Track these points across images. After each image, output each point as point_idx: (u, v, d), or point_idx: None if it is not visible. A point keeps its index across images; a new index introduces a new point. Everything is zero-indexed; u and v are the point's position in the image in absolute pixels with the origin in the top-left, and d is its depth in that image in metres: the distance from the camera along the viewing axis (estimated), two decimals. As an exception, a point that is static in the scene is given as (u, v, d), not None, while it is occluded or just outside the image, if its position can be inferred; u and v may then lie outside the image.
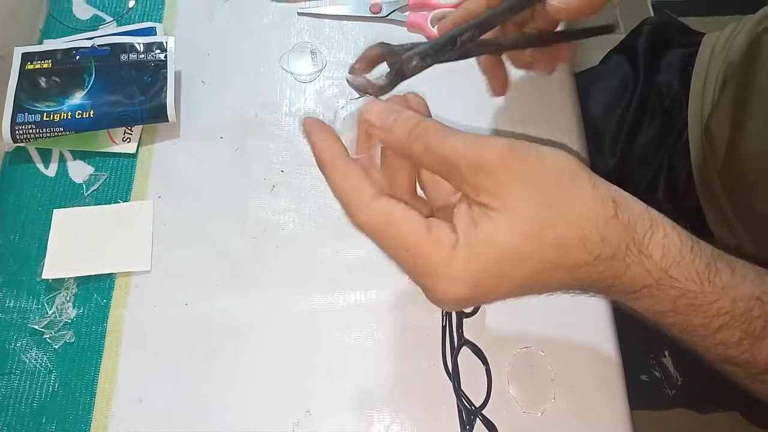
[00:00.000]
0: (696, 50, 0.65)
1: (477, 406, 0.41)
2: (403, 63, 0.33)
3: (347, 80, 0.33)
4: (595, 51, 0.81)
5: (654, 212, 0.29)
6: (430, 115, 0.33)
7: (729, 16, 0.65)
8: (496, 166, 0.28)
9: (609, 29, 0.45)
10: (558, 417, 0.43)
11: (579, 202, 0.28)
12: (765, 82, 0.52)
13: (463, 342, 0.43)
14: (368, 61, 0.33)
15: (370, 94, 0.32)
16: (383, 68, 0.33)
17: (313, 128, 0.32)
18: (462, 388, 0.42)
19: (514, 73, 0.50)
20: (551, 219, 0.28)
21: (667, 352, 0.59)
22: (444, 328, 0.45)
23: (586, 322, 0.46)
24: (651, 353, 0.60)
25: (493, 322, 0.46)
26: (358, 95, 0.33)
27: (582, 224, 0.27)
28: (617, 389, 0.44)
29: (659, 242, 0.28)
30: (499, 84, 0.47)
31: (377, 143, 0.32)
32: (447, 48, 0.34)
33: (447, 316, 0.45)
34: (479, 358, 0.42)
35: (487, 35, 0.37)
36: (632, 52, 0.71)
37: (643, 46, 0.70)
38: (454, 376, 0.42)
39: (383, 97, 0.33)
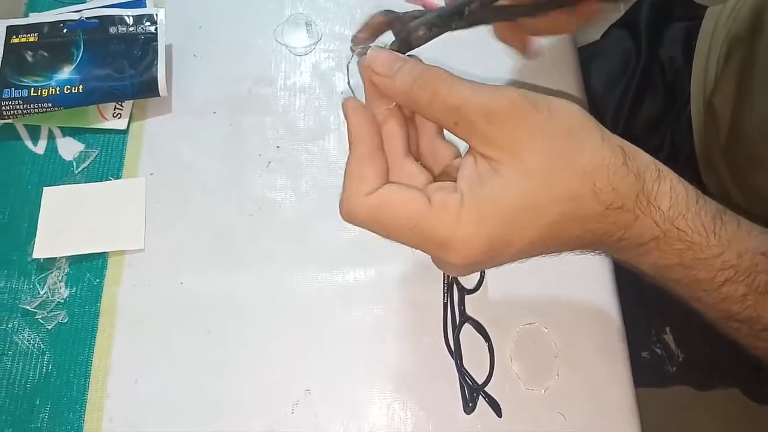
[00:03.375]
0: (699, 23, 0.64)
1: (479, 384, 0.41)
2: (410, 32, 0.32)
3: (351, 49, 0.31)
4: (596, 26, 0.79)
5: (660, 164, 0.29)
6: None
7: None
8: (506, 114, 0.27)
9: None
10: (561, 394, 0.42)
11: (589, 151, 0.27)
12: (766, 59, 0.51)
13: (465, 319, 0.43)
14: (372, 29, 0.32)
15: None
16: (388, 37, 0.32)
17: (351, 110, 0.30)
18: (464, 365, 0.41)
19: (514, 53, 0.48)
20: (563, 169, 0.27)
21: (668, 329, 0.59)
22: (446, 305, 0.44)
23: (590, 299, 0.45)
24: (652, 330, 0.59)
25: (497, 298, 0.45)
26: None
27: (593, 174, 0.27)
28: (621, 366, 0.43)
29: (666, 193, 0.28)
30: (521, 48, 0.45)
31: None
32: (455, 17, 0.33)
33: (449, 293, 0.44)
34: (481, 334, 0.42)
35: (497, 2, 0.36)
36: (634, 26, 0.69)
37: (645, 20, 0.68)
38: (456, 353, 0.42)
39: None
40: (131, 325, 0.45)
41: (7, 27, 0.51)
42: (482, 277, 0.44)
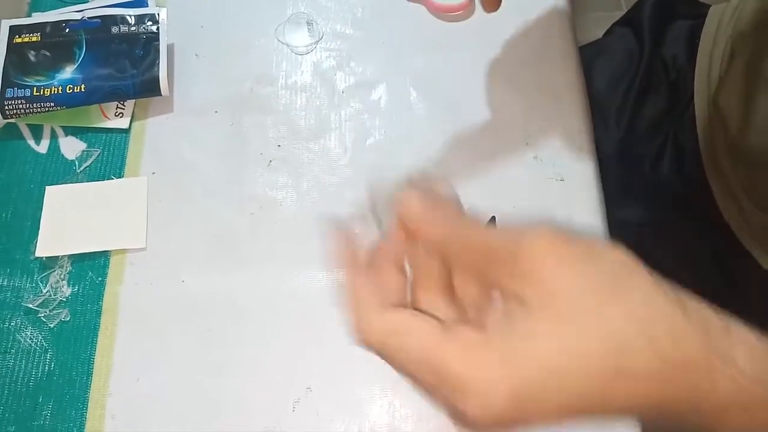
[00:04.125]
0: (702, 22, 0.64)
1: None
2: None
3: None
4: (598, 24, 0.79)
5: (723, 316, 0.24)
6: (460, 205, 0.29)
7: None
8: (539, 257, 0.24)
9: None
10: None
11: (640, 297, 0.23)
12: None
13: None
14: None
15: None
16: None
17: (338, 238, 0.28)
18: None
19: (516, 51, 0.48)
20: (609, 315, 0.23)
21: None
22: None
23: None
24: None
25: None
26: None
27: (647, 321, 0.23)
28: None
29: (741, 345, 0.23)
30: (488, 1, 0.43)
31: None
32: None
33: None
34: None
35: None
36: (636, 24, 0.69)
37: (648, 18, 0.68)
38: None
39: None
40: (133, 323, 0.45)
41: (10, 27, 0.51)
42: None
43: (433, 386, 0.24)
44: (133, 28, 0.52)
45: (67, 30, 0.52)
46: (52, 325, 0.45)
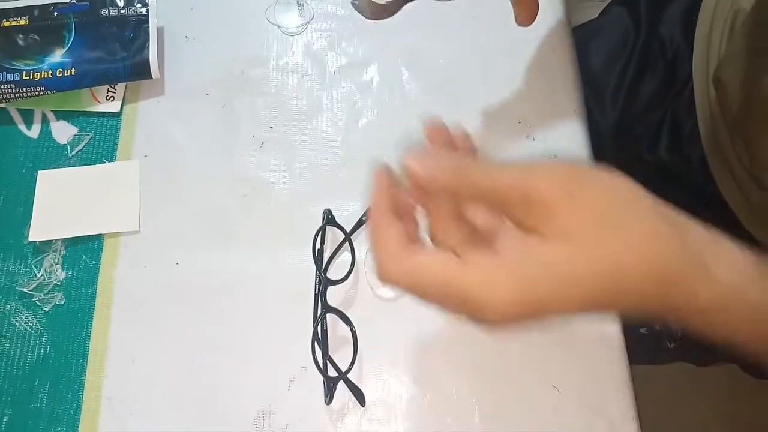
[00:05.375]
0: (699, 0, 0.63)
1: (343, 371, 0.41)
2: None
3: (351, 3, 0.31)
4: (594, 4, 0.79)
5: (714, 233, 0.28)
6: (475, 150, 0.31)
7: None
8: (549, 193, 0.26)
9: None
10: (556, 367, 0.42)
11: (642, 222, 0.26)
12: None
13: (326, 309, 0.42)
14: None
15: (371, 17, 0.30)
16: None
17: (377, 179, 0.30)
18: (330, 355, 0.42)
19: (508, 30, 0.48)
20: (614, 241, 0.26)
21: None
22: (316, 296, 0.42)
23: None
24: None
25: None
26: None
27: (647, 245, 0.26)
28: (616, 342, 0.43)
29: (726, 264, 0.27)
30: (524, 12, 0.44)
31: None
32: None
33: (318, 284, 0.43)
34: (344, 321, 0.42)
35: None
36: (633, 3, 0.69)
37: None
38: (323, 343, 0.42)
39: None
40: (128, 305, 0.45)
41: (-2, 10, 0.51)
42: (350, 270, 0.44)
43: (457, 308, 0.27)
44: (122, 11, 0.52)
45: (55, 13, 0.51)
46: (46, 309, 0.45)
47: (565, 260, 0.26)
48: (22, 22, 0.50)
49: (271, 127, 0.50)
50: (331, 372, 0.41)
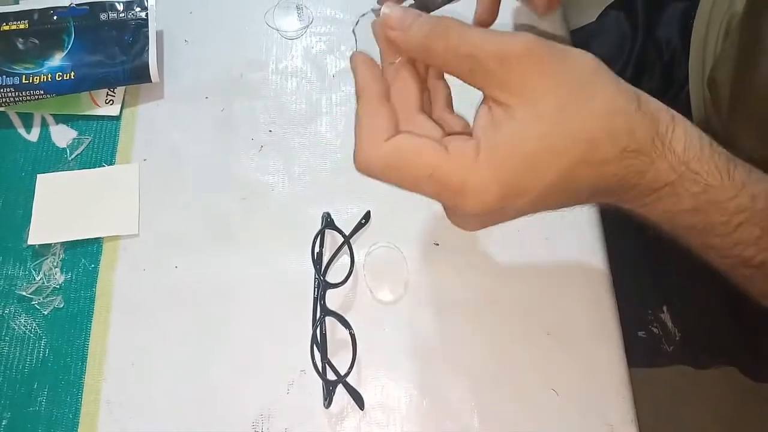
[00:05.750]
0: (695, 4, 0.64)
1: (342, 375, 0.41)
2: None
3: (372, 10, 0.31)
4: (591, 7, 0.79)
5: (672, 110, 0.29)
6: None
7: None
8: (521, 59, 0.27)
9: None
10: (554, 370, 0.43)
11: (604, 95, 0.27)
12: None
13: (325, 313, 0.43)
14: None
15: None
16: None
17: (357, 63, 0.30)
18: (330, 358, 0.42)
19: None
20: (579, 113, 0.27)
21: (665, 307, 0.59)
22: (315, 299, 0.44)
23: (583, 276, 0.45)
24: (649, 309, 0.59)
25: (488, 280, 0.45)
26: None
27: (608, 117, 0.27)
28: (615, 345, 0.43)
29: (681, 136, 0.28)
30: (541, 3, 0.47)
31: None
32: None
33: (318, 287, 0.44)
34: (343, 325, 0.42)
35: None
36: (630, 7, 0.69)
37: (641, 1, 0.68)
38: (322, 346, 0.42)
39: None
40: (127, 309, 0.45)
41: (-2, 15, 0.51)
42: (350, 274, 0.44)
43: (436, 193, 0.28)
44: (122, 15, 0.52)
45: (55, 17, 0.51)
46: (45, 312, 0.45)
47: (535, 136, 0.27)
48: (21, 26, 0.51)
49: (270, 131, 0.51)
50: (330, 375, 0.42)
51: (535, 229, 0.46)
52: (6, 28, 0.51)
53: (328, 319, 0.43)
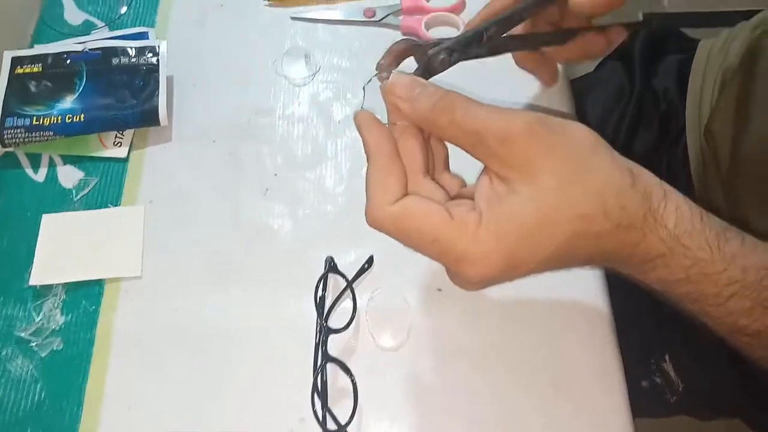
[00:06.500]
0: (692, 56, 0.65)
1: (342, 424, 0.40)
2: (431, 59, 0.33)
3: (375, 76, 0.32)
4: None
5: (666, 185, 0.30)
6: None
7: (719, 27, 0.65)
8: (522, 138, 0.28)
9: (639, 24, 0.44)
10: (558, 422, 0.42)
11: (600, 173, 0.29)
12: (765, 87, 0.52)
13: (327, 359, 0.42)
14: (395, 56, 0.33)
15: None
16: (410, 65, 0.34)
17: (364, 122, 0.32)
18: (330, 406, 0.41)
19: (510, 81, 0.50)
20: (576, 190, 0.28)
21: (667, 357, 0.58)
22: (317, 345, 0.43)
23: (586, 326, 0.45)
24: (651, 358, 0.59)
25: (491, 327, 0.45)
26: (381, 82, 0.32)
27: (604, 194, 0.28)
28: (619, 395, 0.43)
29: (672, 212, 0.29)
30: (543, 76, 0.48)
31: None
32: (474, 44, 0.35)
33: (319, 333, 0.43)
34: (345, 372, 0.42)
35: (518, 31, 0.38)
36: (627, 58, 0.71)
37: (639, 51, 0.69)
38: (322, 394, 0.42)
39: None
40: (126, 351, 0.45)
41: (12, 58, 0.52)
42: (352, 319, 0.44)
43: (439, 257, 0.29)
44: (133, 60, 0.53)
45: (68, 61, 0.52)
46: (43, 355, 0.45)
47: (535, 211, 0.28)
48: (35, 70, 0.52)
49: (276, 174, 0.51)
50: (331, 425, 0.41)
51: (539, 277, 0.46)
52: (20, 71, 0.52)
53: (330, 366, 0.42)
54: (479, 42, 0.35)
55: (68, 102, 0.51)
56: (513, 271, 0.29)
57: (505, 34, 0.37)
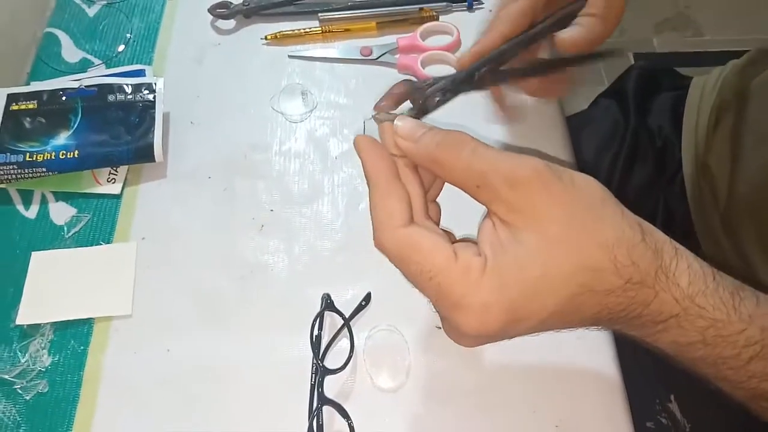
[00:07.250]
0: (685, 93, 0.66)
1: None
2: (427, 99, 0.34)
3: (373, 117, 0.32)
4: (583, 95, 0.82)
5: (675, 242, 0.29)
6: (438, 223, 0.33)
7: (709, 67, 0.66)
8: (530, 182, 0.27)
9: (610, 53, 0.45)
10: (564, 467, 0.40)
11: (610, 225, 0.27)
12: (758, 122, 0.52)
13: (323, 402, 0.41)
14: (394, 98, 0.34)
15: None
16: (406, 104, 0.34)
17: (364, 145, 0.31)
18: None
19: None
20: (585, 242, 0.27)
21: (673, 397, 0.57)
22: (312, 386, 0.42)
23: (591, 368, 0.43)
24: (657, 399, 0.57)
25: (493, 368, 0.43)
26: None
27: (614, 248, 0.27)
28: (625, 437, 0.41)
29: (685, 270, 0.28)
30: (506, 111, 0.48)
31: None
32: (465, 82, 0.36)
33: (315, 374, 0.42)
34: (342, 415, 0.40)
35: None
36: (621, 95, 0.71)
37: (632, 89, 0.70)
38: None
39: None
40: (114, 394, 0.43)
41: (8, 95, 0.52)
42: (349, 358, 0.42)
43: (435, 298, 0.28)
44: (129, 97, 0.53)
45: (64, 98, 0.52)
46: (28, 398, 0.43)
47: (542, 263, 0.26)
48: (30, 106, 0.51)
49: (272, 210, 0.50)
50: (328, 470, 0.39)
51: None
52: (15, 107, 0.51)
53: (325, 408, 0.41)
54: (470, 81, 0.36)
55: (62, 138, 0.50)
56: (513, 327, 0.27)
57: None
